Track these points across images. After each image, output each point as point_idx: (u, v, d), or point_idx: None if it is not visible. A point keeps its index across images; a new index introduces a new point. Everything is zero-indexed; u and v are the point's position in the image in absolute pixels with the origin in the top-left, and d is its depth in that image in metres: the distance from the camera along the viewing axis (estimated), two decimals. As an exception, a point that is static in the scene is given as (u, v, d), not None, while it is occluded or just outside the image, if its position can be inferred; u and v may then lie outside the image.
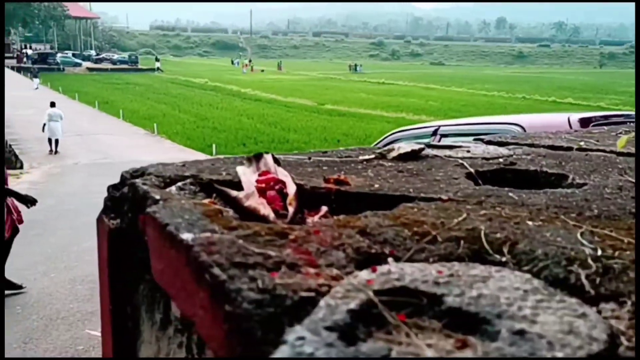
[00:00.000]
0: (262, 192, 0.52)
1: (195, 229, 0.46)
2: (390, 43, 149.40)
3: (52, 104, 19.77)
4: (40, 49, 70.10)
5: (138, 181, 0.60)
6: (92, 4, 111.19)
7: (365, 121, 28.48)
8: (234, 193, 0.52)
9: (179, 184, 0.60)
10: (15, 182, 13.66)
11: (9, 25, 63.57)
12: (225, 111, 32.92)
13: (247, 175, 0.56)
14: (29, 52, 66.79)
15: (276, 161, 0.61)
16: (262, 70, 79.31)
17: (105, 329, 0.65)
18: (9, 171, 15.85)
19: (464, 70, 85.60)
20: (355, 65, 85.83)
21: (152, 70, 68.14)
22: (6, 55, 57.88)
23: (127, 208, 0.61)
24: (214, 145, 19.95)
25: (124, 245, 0.60)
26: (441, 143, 4.10)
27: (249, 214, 0.49)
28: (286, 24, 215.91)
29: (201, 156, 18.65)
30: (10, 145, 19.17)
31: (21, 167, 16.33)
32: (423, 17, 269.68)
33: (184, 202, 0.52)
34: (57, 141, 18.97)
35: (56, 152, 18.70)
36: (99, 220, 0.65)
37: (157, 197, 0.54)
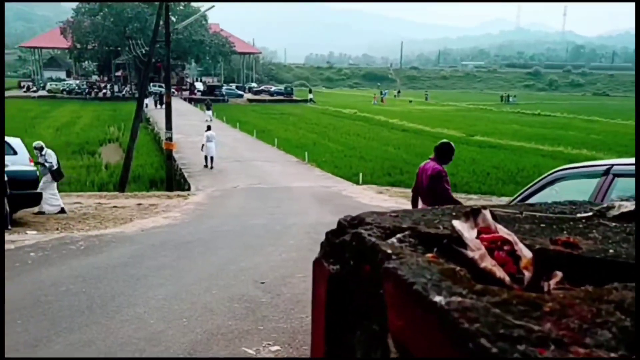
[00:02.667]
0: (489, 251, 0.52)
1: (443, 291, 0.45)
2: (547, 73, 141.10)
3: (208, 128, 23.17)
4: (208, 82, 77.25)
5: (363, 232, 0.63)
6: (256, 40, 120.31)
7: (517, 154, 27.06)
8: (470, 254, 0.52)
9: (399, 235, 0.62)
10: (184, 202, 15.07)
11: (184, 60, 71.00)
12: (372, 141, 33.35)
13: (466, 231, 0.55)
14: (199, 85, 73.90)
15: (494, 217, 0.60)
16: (410, 101, 79.35)
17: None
18: (178, 192, 17.54)
19: (631, 101, 77.90)
20: (508, 95, 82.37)
21: (306, 101, 71.48)
22: (181, 87, 64.58)
23: (348, 256, 0.64)
24: (360, 174, 20.27)
25: (343, 291, 0.62)
26: (615, 184, 3.69)
27: (482, 276, 0.49)
28: (436, 55, 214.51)
29: (348, 184, 19.07)
30: (180, 169, 21.23)
31: (188, 189, 17.92)
32: (585, 46, 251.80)
33: (419, 259, 0.54)
34: (212, 158, 22.05)
35: (211, 167, 21.72)
36: (318, 263, 0.69)
37: (389, 250, 0.56)
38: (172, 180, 20.24)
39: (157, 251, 8.54)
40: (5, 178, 10.23)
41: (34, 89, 68.32)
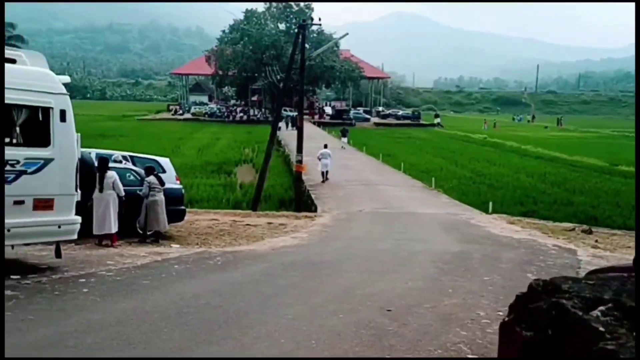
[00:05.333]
0: None
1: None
2: None
3: (325, 146, 25.22)
4: (337, 106, 79.17)
5: (565, 302, 0.62)
6: (385, 65, 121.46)
7: (672, 188, 24.36)
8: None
9: (602, 308, 0.61)
10: (310, 223, 15.48)
11: (315, 85, 73.39)
12: (503, 168, 31.98)
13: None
14: (328, 109, 75.99)
15: None
16: (546, 127, 75.15)
17: None
18: (305, 213, 18.06)
19: None
20: (661, 122, 74.74)
21: (433, 125, 70.51)
22: (311, 111, 66.77)
23: (546, 324, 0.63)
24: (490, 203, 19.47)
25: (537, 358, 0.62)
26: None
27: None
28: (576, 79, 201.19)
29: (476, 213, 18.38)
30: (308, 191, 21.89)
31: (315, 211, 18.38)
32: None
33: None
34: (327, 172, 24.17)
35: (327, 179, 24.05)
36: (507, 326, 0.69)
37: (600, 328, 0.55)
38: (300, 201, 20.91)
39: (286, 270, 8.85)
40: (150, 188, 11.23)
41: (181, 112, 74.59)
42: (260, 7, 72.78)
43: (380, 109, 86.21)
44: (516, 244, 12.58)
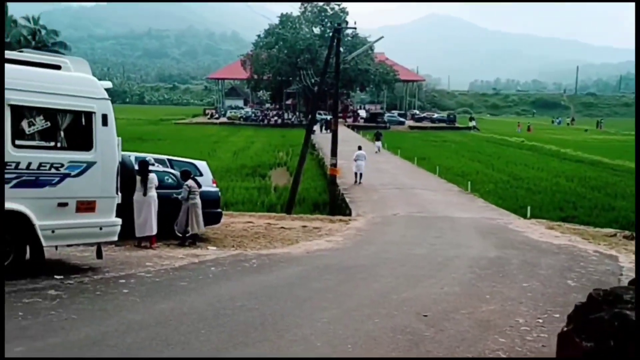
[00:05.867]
0: None
1: None
2: None
3: (359, 148, 25.69)
4: (371, 109, 78.96)
5: (628, 313, 0.61)
6: (419, 67, 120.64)
7: None
8: None
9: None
10: (345, 227, 15.47)
11: (349, 88, 73.34)
12: (542, 172, 31.33)
13: None
14: (362, 112, 75.86)
15: None
16: (586, 130, 73.33)
17: None
18: (340, 216, 18.05)
19: None
20: None
21: (469, 128, 69.57)
22: (345, 114, 66.74)
23: (608, 335, 0.62)
24: (528, 208, 19.07)
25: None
26: None
27: None
28: (617, 80, 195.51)
29: (514, 217, 18.03)
30: (342, 194, 21.88)
31: (349, 214, 18.35)
32: None
33: None
34: (361, 174, 24.40)
35: (360, 182, 24.26)
36: (567, 337, 0.68)
37: None
38: (335, 204, 20.91)
39: (321, 274, 8.87)
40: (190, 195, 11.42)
41: (217, 115, 75.66)
42: (295, 11, 73.28)
43: (415, 112, 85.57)
44: (556, 250, 12.30)
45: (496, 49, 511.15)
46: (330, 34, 36.41)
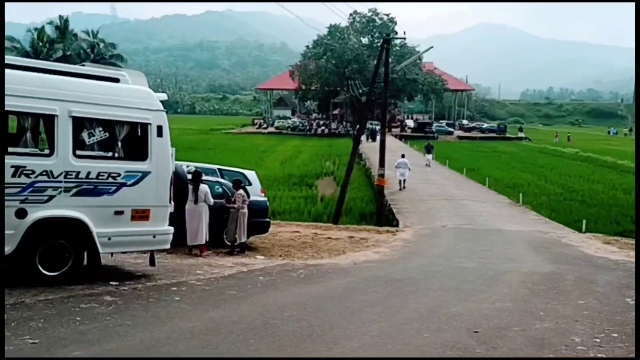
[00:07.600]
0: None
1: None
2: None
3: (402, 156, 26.77)
4: (419, 119, 78.23)
5: None
6: (469, 77, 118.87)
7: None
8: None
9: None
10: (392, 238, 15.35)
11: (397, 98, 72.89)
12: (597, 184, 30.27)
13: None
14: (410, 122, 75.24)
15: None
16: (645, 141, 70.18)
17: None
18: (387, 227, 17.92)
19: None
20: None
21: (519, 139, 67.98)
22: (392, 124, 66.34)
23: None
24: (583, 221, 18.43)
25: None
26: None
27: None
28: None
29: (568, 231, 17.45)
30: (389, 205, 21.73)
31: (397, 225, 18.20)
32: None
33: None
34: (404, 181, 25.68)
35: (404, 187, 25.51)
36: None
37: None
38: (382, 215, 20.78)
39: (369, 286, 8.82)
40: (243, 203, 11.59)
41: (265, 125, 76.68)
42: (344, 22, 73.54)
43: (464, 121, 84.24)
44: (613, 266, 11.83)
45: (549, 58, 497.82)
46: (379, 44, 36.32)
